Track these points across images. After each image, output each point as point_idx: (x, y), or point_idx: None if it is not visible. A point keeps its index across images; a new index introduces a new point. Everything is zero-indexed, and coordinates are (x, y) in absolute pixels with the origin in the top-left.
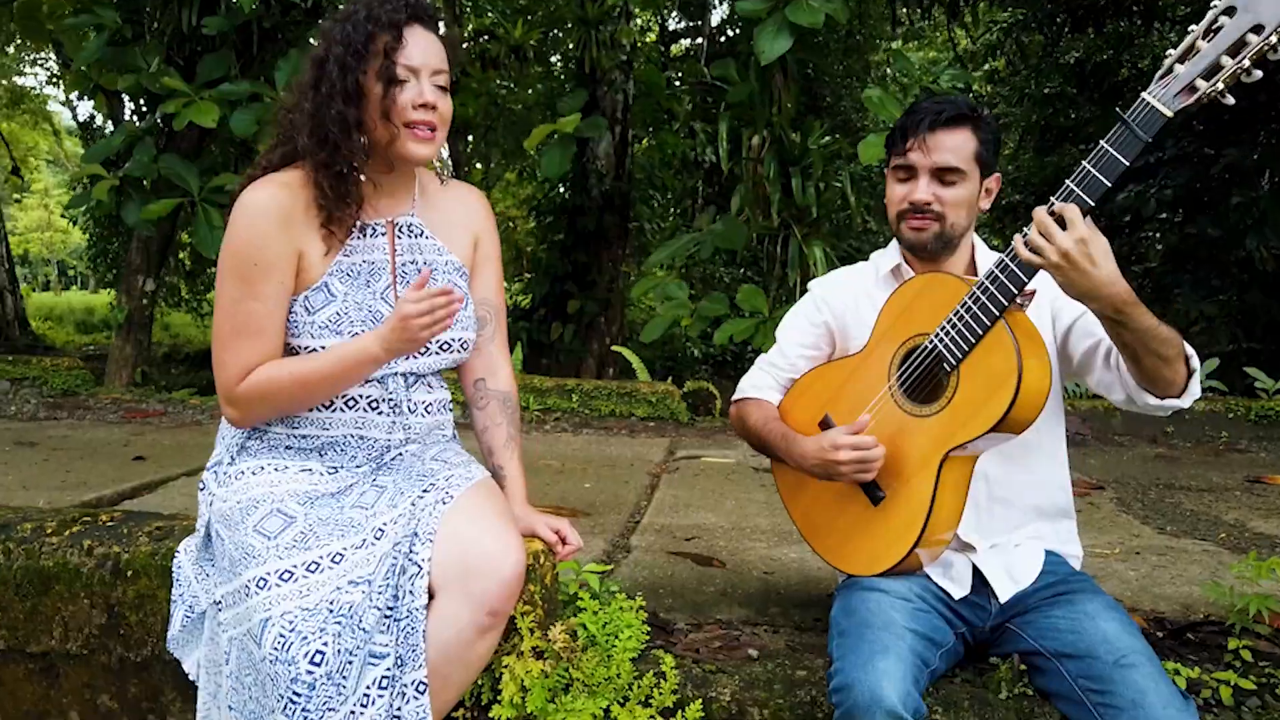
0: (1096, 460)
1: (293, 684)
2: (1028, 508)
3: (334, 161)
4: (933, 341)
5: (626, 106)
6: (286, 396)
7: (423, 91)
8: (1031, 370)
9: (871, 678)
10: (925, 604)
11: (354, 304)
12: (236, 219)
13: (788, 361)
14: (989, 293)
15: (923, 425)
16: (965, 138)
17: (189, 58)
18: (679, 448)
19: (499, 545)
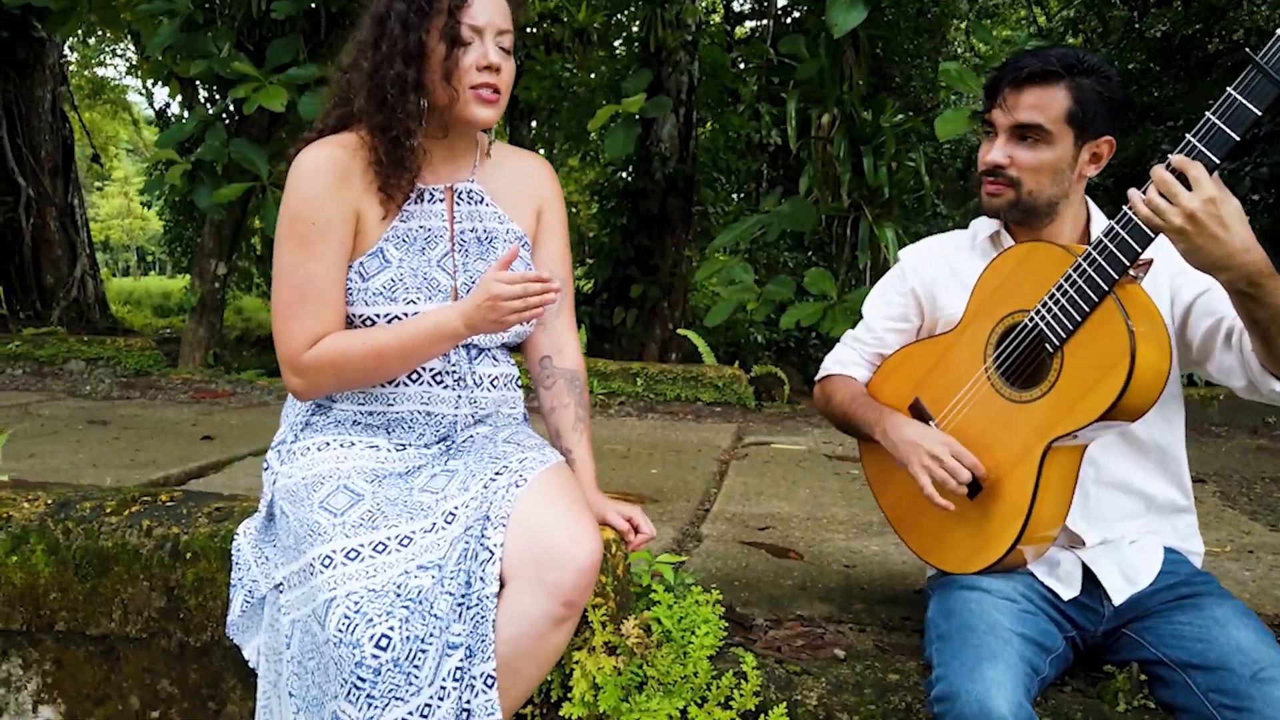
0: (1194, 452)
1: (357, 668)
2: (1139, 498)
3: (391, 125)
4: (1033, 319)
5: (691, 88)
6: (358, 367)
7: (487, 53)
8: (1147, 351)
9: (979, 687)
10: (1032, 605)
11: (409, 270)
12: (293, 179)
13: (874, 336)
14: (1097, 264)
15: (1024, 412)
16: (1055, 95)
17: (258, 42)
18: (747, 434)
19: (574, 532)
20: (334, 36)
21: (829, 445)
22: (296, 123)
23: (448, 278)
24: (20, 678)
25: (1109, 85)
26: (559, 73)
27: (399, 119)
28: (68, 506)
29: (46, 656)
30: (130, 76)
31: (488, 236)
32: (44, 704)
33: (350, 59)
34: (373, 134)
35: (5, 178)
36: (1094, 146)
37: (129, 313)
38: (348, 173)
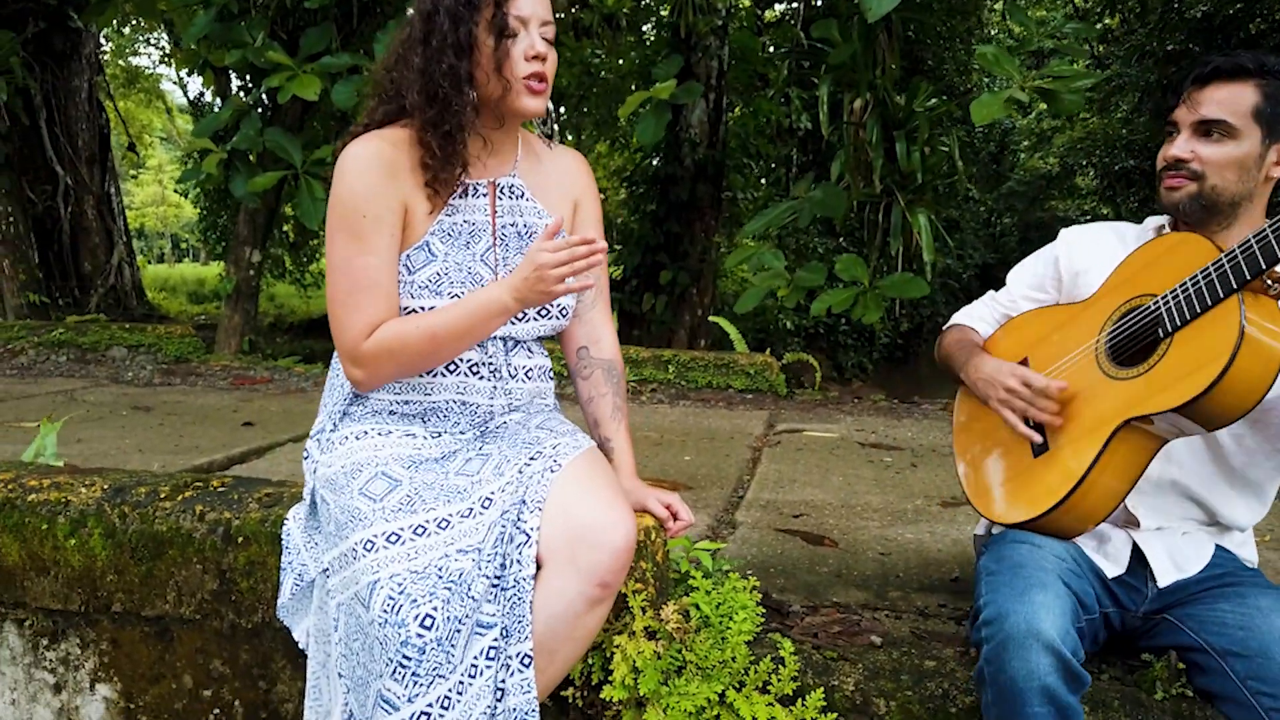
0: None
1: (403, 647)
2: (1206, 513)
3: (443, 119)
4: (1158, 303)
5: (721, 73)
6: (415, 352)
7: (534, 43)
8: (1249, 359)
9: (1027, 608)
10: (1079, 568)
11: (454, 264)
12: (342, 171)
13: (1009, 298)
14: (1236, 261)
15: (1113, 388)
16: (1243, 91)
17: (292, 32)
18: (779, 421)
19: (609, 515)
20: (365, 25)
21: (861, 433)
22: (329, 111)
23: (489, 271)
24: (78, 657)
25: None
26: (588, 59)
27: (452, 112)
28: (123, 492)
29: (103, 636)
30: (164, 65)
31: (528, 230)
32: (101, 682)
33: (394, 56)
34: (424, 129)
35: (44, 167)
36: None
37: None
38: (395, 166)
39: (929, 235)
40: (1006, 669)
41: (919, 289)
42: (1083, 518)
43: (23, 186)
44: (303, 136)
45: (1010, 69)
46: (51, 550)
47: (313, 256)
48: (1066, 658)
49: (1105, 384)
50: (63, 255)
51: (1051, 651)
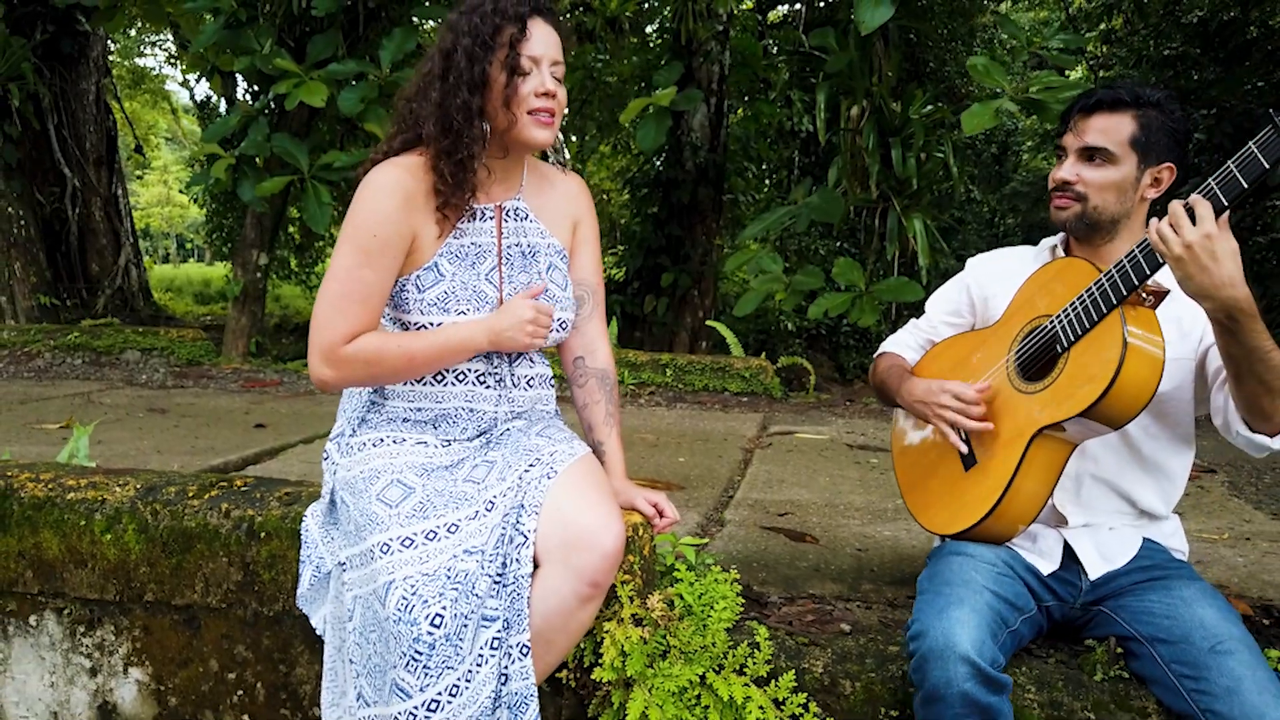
0: (1209, 443)
1: (415, 643)
2: (1126, 501)
3: (456, 149)
4: (1053, 322)
5: (722, 77)
6: (389, 367)
7: (544, 80)
8: (1135, 366)
9: (945, 624)
10: (1011, 571)
11: (460, 284)
12: (363, 194)
13: (929, 324)
14: (1113, 280)
15: (1025, 401)
16: (1122, 122)
17: (299, 39)
18: (772, 423)
19: (600, 520)
20: (371, 32)
21: (851, 435)
22: (336, 117)
23: (494, 290)
24: (112, 643)
25: (1172, 117)
26: (591, 63)
27: (464, 143)
28: (154, 490)
29: (136, 624)
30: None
31: (531, 251)
32: (133, 666)
33: (414, 88)
34: (439, 157)
35: (52, 169)
36: (1156, 171)
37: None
38: (411, 195)
39: (924, 240)
40: (928, 679)
41: (913, 293)
42: (1013, 521)
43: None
44: (309, 142)
45: (1000, 80)
46: (89, 544)
47: (318, 259)
48: (982, 666)
49: (1018, 399)
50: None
51: (967, 662)
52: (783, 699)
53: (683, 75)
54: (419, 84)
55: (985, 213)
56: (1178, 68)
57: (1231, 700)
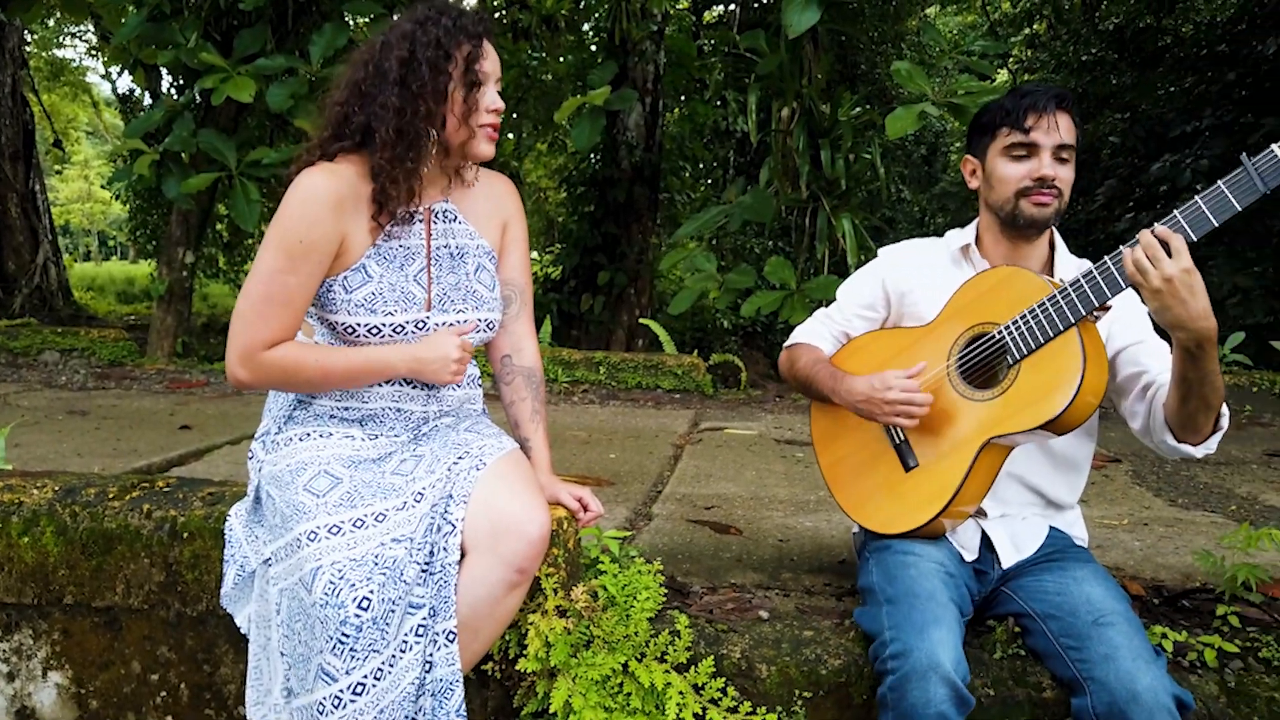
0: (1117, 433)
1: (342, 625)
2: (1037, 495)
3: (409, 156)
4: (1001, 333)
5: (658, 77)
6: (304, 380)
7: (494, 97)
8: (1091, 381)
9: (929, 644)
10: (954, 571)
11: (388, 285)
12: (292, 198)
13: (843, 317)
14: (1069, 298)
15: (973, 408)
16: (1072, 121)
17: (226, 32)
18: (703, 419)
19: (526, 509)
20: (301, 27)
21: (779, 430)
22: (265, 112)
23: (422, 290)
24: (31, 647)
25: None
26: (526, 61)
27: (417, 152)
28: (73, 492)
29: (55, 627)
30: (90, 58)
31: (459, 252)
32: (53, 669)
33: (351, 90)
34: (392, 163)
35: None
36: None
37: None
38: (343, 200)
39: (853, 239)
40: (907, 698)
41: None
42: (953, 518)
43: None
44: (237, 138)
45: (922, 84)
46: (5, 548)
47: (248, 256)
48: (958, 686)
49: (964, 404)
50: None
51: (948, 683)
52: (702, 684)
53: (618, 74)
54: (359, 88)
55: (915, 212)
56: (1096, 72)
57: (1108, 666)
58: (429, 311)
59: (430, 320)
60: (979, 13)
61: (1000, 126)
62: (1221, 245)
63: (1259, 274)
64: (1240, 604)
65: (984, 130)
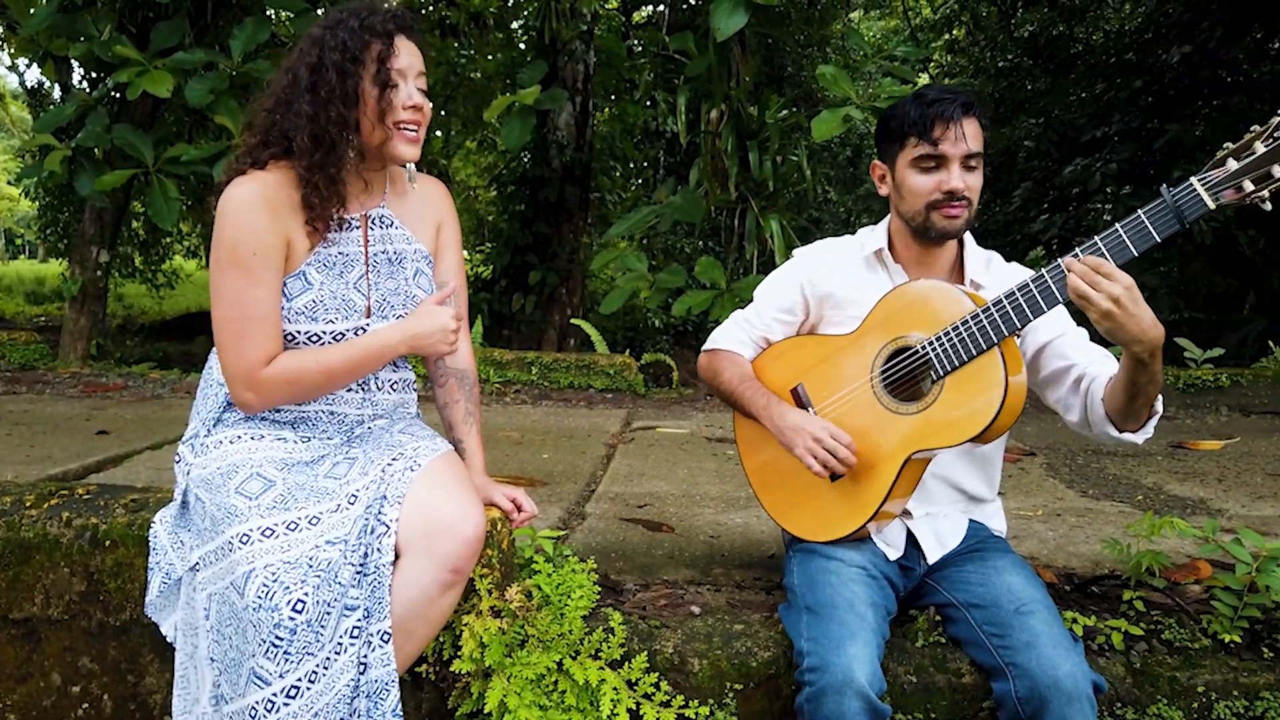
0: (1032, 428)
1: (276, 629)
2: (959, 491)
3: (328, 163)
4: (924, 347)
5: (588, 76)
6: (311, 385)
7: (411, 94)
8: (1013, 396)
9: (844, 660)
10: (878, 572)
11: (329, 293)
12: (228, 212)
13: (762, 322)
14: (992, 318)
15: (897, 422)
16: (979, 126)
17: (141, 25)
18: (635, 419)
19: (461, 509)
20: (222, 20)
21: (710, 429)
22: (184, 108)
23: (362, 298)
24: None
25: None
26: (454, 59)
27: (337, 157)
28: None
29: None
30: None
31: (398, 257)
32: None
33: (274, 99)
34: (311, 170)
35: None
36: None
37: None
38: (277, 204)
39: (781, 239)
40: (820, 711)
41: None
42: (878, 522)
43: None
44: (154, 133)
45: (847, 88)
46: None
47: (165, 255)
48: (872, 700)
49: (889, 418)
50: None
51: (861, 697)
52: (635, 679)
53: (548, 74)
54: (280, 96)
55: (841, 213)
56: (1012, 78)
57: (1030, 653)
58: (369, 318)
59: (370, 327)
60: (901, 18)
61: (908, 136)
62: None
63: (1165, 274)
64: (1145, 589)
65: (891, 137)
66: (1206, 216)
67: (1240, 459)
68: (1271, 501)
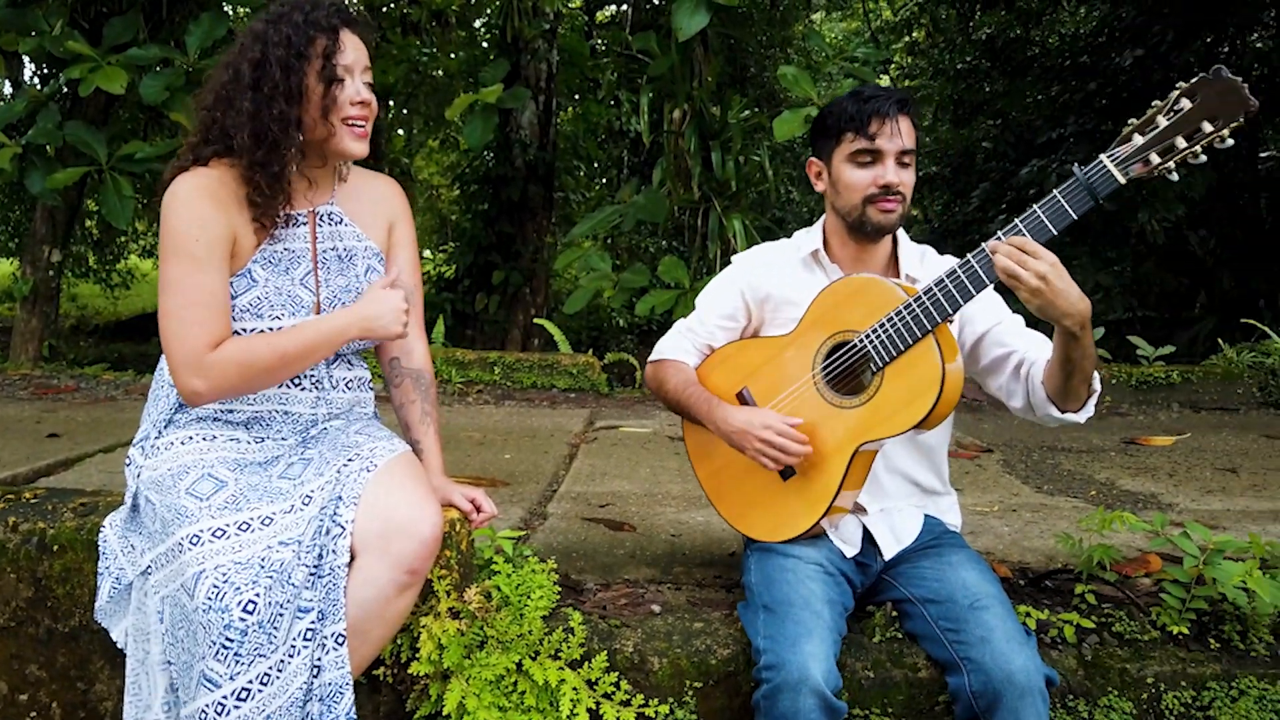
0: (989, 425)
1: (226, 630)
2: (912, 483)
3: (271, 161)
4: (862, 341)
5: (550, 75)
6: (262, 367)
7: (359, 90)
8: (951, 381)
9: (800, 658)
10: (834, 569)
11: (274, 289)
12: (174, 205)
13: (706, 330)
14: (924, 306)
15: (841, 416)
16: (912, 124)
17: (94, 20)
18: (598, 418)
19: (418, 509)
20: (176, 15)
21: (673, 428)
22: (138, 105)
23: (310, 294)
24: None
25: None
26: (416, 56)
27: (280, 154)
28: None
29: None
30: None
31: (348, 254)
32: None
33: (216, 96)
34: (253, 168)
35: None
36: None
37: None
38: (222, 199)
39: (744, 239)
40: (778, 707)
41: None
42: (833, 518)
43: None
44: (108, 130)
45: (808, 89)
46: None
47: (120, 254)
48: (828, 697)
49: (834, 413)
50: None
51: (816, 694)
52: (595, 679)
53: (510, 73)
54: (221, 92)
55: (804, 213)
56: (970, 80)
57: (984, 648)
58: (318, 315)
59: None
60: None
61: (845, 131)
62: (1084, 246)
63: (1118, 273)
64: (1097, 583)
65: (828, 134)
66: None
67: (1191, 454)
68: (1220, 496)
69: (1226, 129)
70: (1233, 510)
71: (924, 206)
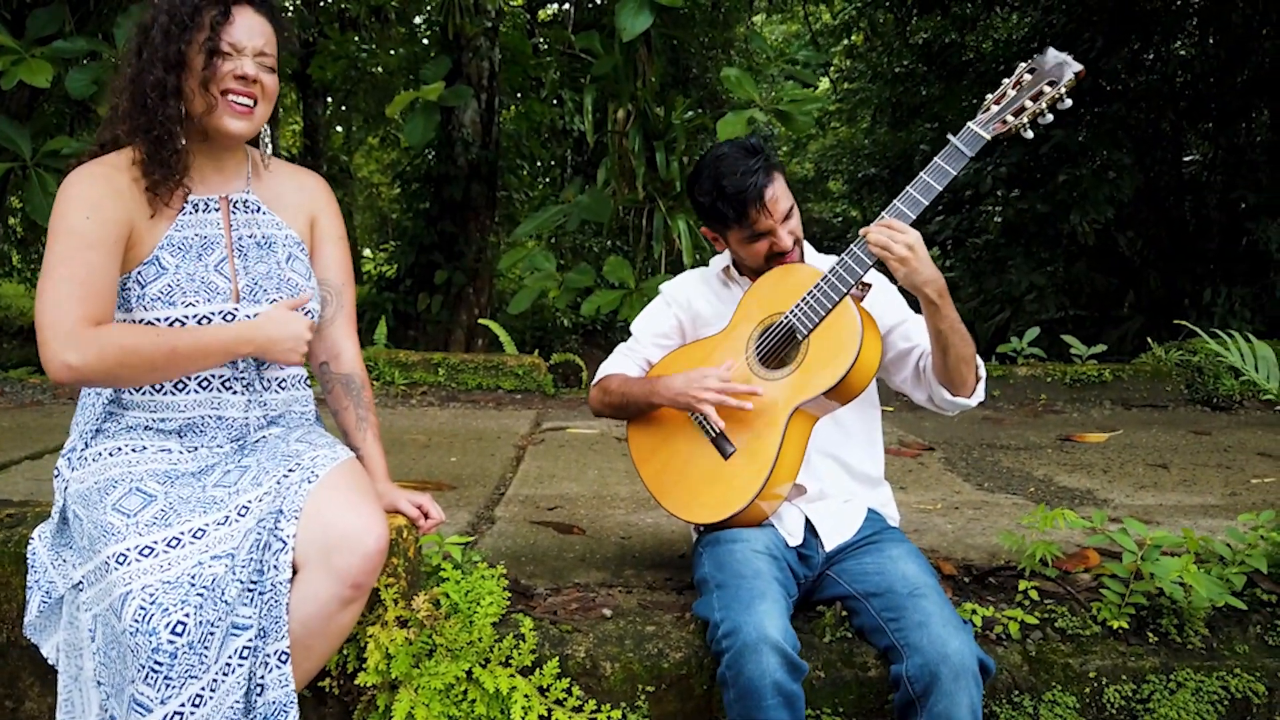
0: (930, 424)
1: (154, 654)
2: (843, 466)
3: (151, 126)
4: (788, 317)
5: (493, 73)
6: (146, 357)
7: (243, 66)
8: (869, 342)
9: (756, 618)
10: (780, 555)
11: (186, 276)
12: (67, 193)
13: (643, 347)
14: (838, 274)
15: (776, 387)
16: (782, 178)
17: (17, 11)
18: (545, 419)
19: (362, 521)
20: (104, 6)
21: (620, 429)
22: (64, 99)
23: (226, 281)
24: None
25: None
26: (355, 52)
27: (158, 121)
28: None
29: None
30: None
31: (267, 241)
32: None
33: (118, 77)
34: (133, 134)
35: None
36: None
37: None
38: (118, 188)
39: (688, 239)
40: (744, 671)
41: None
42: (772, 500)
43: None
44: (32, 125)
45: (750, 91)
46: None
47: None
48: (789, 654)
49: (769, 385)
50: None
51: (778, 651)
52: (547, 685)
53: (451, 70)
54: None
55: None
56: (908, 83)
57: (922, 632)
58: (238, 303)
59: (240, 311)
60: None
61: (729, 226)
62: (1019, 246)
63: (1051, 273)
64: (1039, 579)
65: (715, 222)
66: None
67: (1123, 450)
68: (1153, 491)
69: (1062, 89)
70: (1165, 505)
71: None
